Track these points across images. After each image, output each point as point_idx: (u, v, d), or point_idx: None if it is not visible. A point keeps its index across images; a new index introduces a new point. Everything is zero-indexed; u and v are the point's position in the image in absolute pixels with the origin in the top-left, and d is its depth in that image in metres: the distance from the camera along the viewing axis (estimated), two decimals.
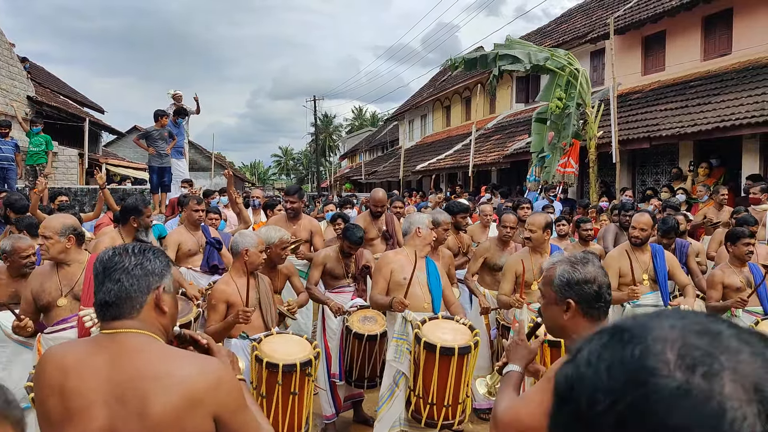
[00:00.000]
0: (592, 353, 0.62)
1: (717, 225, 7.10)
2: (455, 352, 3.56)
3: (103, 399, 1.44)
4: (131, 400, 1.42)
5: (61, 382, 1.47)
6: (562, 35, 18.16)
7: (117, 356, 1.48)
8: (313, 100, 44.12)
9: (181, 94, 12.06)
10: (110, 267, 1.57)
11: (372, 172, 30.25)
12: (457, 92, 24.89)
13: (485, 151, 17.82)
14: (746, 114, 9.41)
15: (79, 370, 1.47)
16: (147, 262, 1.60)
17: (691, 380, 0.55)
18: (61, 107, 20.41)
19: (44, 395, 1.49)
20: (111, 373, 1.45)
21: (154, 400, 1.41)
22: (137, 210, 4.57)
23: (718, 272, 4.75)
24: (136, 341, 1.51)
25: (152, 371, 1.45)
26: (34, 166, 10.77)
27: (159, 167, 10.38)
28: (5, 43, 17.64)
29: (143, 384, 1.42)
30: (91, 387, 1.44)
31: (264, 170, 73.02)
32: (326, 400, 4.65)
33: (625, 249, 4.79)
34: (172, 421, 1.41)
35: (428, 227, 4.21)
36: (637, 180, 13.47)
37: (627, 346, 0.60)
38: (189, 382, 1.44)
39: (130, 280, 1.55)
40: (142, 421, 1.40)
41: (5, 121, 11.20)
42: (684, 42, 13.27)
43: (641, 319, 0.64)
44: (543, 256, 4.61)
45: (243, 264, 3.90)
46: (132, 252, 1.61)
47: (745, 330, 0.60)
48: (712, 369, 0.55)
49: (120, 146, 32.85)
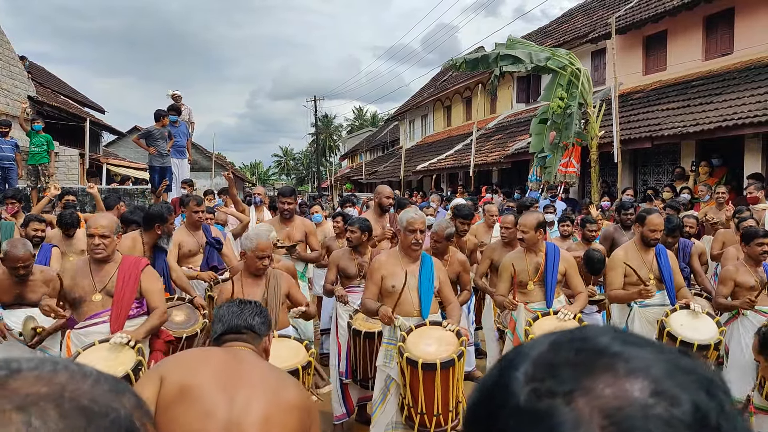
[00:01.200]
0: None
1: (716, 224, 7.10)
2: (437, 367, 3.49)
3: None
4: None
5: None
6: (563, 35, 18.15)
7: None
8: (314, 100, 44.16)
9: (180, 95, 12.06)
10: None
11: (372, 172, 30.23)
12: (458, 92, 24.88)
13: (486, 151, 17.81)
14: (748, 113, 9.39)
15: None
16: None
17: (532, 399, 0.52)
18: (62, 107, 20.39)
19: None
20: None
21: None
22: (162, 217, 4.67)
23: (731, 268, 4.68)
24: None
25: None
26: (37, 166, 10.75)
27: (160, 167, 10.37)
28: (6, 42, 17.64)
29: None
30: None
31: (264, 170, 72.98)
32: (337, 400, 4.61)
33: (630, 248, 4.74)
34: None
35: (406, 229, 4.00)
36: (638, 180, 13.45)
37: (504, 361, 0.59)
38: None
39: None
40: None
41: (5, 120, 11.19)
42: (685, 41, 13.25)
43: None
44: (537, 255, 4.56)
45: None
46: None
47: (633, 344, 0.55)
48: (556, 389, 0.51)
49: (121, 146, 32.81)
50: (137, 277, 3.74)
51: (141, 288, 3.74)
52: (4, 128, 10.42)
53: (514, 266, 4.52)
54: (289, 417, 1.88)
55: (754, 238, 4.60)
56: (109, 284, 3.68)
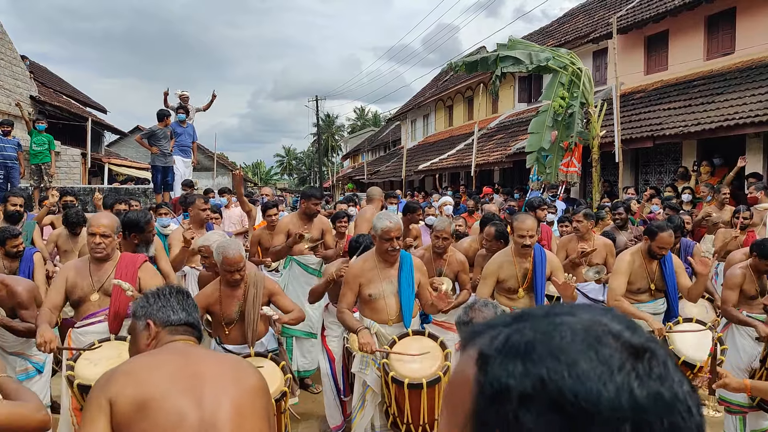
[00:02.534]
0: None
1: (717, 224, 7.10)
2: (423, 386, 3.39)
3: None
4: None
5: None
6: (564, 35, 18.13)
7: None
8: (315, 101, 44.17)
9: (188, 95, 12.06)
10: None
11: (374, 172, 30.23)
12: (460, 92, 24.88)
13: (488, 150, 17.81)
14: (750, 113, 9.39)
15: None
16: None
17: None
18: (64, 107, 20.44)
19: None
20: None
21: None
22: (138, 226, 4.36)
23: (739, 275, 4.35)
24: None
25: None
26: (39, 166, 10.78)
27: (162, 166, 10.39)
28: (8, 42, 17.68)
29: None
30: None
31: (266, 170, 72.99)
32: (334, 407, 4.53)
33: (636, 256, 4.51)
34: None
35: (382, 237, 3.83)
36: (640, 179, 13.44)
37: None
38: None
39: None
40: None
41: (8, 120, 11.22)
42: (687, 41, 13.24)
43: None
44: (526, 260, 4.31)
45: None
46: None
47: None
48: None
49: (122, 146, 32.87)
50: (135, 273, 3.71)
51: (140, 284, 3.69)
52: (7, 127, 10.46)
53: (501, 272, 4.30)
54: (257, 401, 1.85)
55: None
56: (107, 283, 3.66)
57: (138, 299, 2.12)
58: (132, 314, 2.13)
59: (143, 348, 1.98)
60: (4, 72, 17.21)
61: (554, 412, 0.51)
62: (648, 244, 4.44)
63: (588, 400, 0.51)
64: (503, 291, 4.36)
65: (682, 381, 0.55)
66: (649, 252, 4.45)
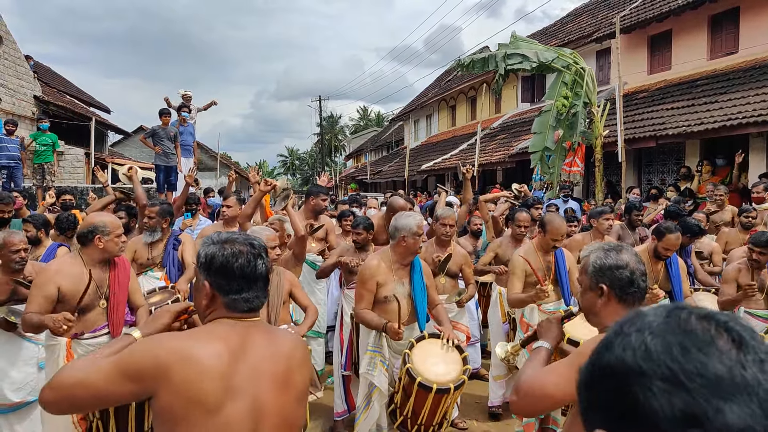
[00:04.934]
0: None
1: (719, 224, 7.09)
2: (451, 390, 3.38)
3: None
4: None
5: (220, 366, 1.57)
6: (567, 35, 18.12)
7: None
8: (318, 101, 44.22)
9: (190, 95, 12.14)
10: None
11: (377, 172, 30.25)
12: (463, 92, 24.87)
13: (491, 150, 17.81)
14: (753, 113, 9.37)
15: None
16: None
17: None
18: (68, 107, 20.49)
19: (198, 380, 1.54)
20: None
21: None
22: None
23: (733, 269, 4.54)
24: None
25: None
26: (42, 165, 10.83)
27: (165, 166, 10.42)
28: (12, 42, 17.73)
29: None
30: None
31: (269, 170, 73.05)
32: (339, 395, 4.60)
33: (643, 256, 4.48)
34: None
35: (416, 234, 3.81)
36: (643, 179, 13.42)
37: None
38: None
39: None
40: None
41: (12, 119, 11.27)
42: (690, 41, 13.21)
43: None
44: (549, 253, 4.51)
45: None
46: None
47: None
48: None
49: (126, 146, 32.92)
50: (127, 280, 3.66)
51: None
52: (11, 126, 10.50)
53: (530, 263, 4.34)
54: (305, 371, 1.81)
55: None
56: (108, 289, 3.57)
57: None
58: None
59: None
60: (8, 72, 17.26)
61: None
62: (654, 245, 4.50)
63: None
64: (529, 285, 4.38)
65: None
66: (654, 253, 4.50)
